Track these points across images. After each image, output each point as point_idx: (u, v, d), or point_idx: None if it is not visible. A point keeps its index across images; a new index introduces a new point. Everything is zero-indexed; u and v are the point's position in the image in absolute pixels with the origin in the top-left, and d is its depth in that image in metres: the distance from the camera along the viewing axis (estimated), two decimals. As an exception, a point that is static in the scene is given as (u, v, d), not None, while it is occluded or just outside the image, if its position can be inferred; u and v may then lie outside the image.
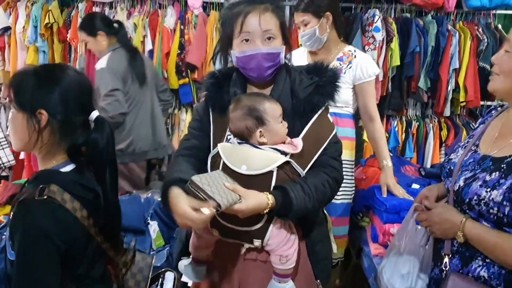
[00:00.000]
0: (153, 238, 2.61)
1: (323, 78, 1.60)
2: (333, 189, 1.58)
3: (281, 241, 1.53)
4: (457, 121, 4.16)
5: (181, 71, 3.97)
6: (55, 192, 1.30)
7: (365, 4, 3.95)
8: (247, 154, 1.49)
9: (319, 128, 1.58)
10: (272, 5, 1.57)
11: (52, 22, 4.03)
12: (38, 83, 1.35)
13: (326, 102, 1.60)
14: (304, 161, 1.53)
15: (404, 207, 2.56)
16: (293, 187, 1.46)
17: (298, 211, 1.46)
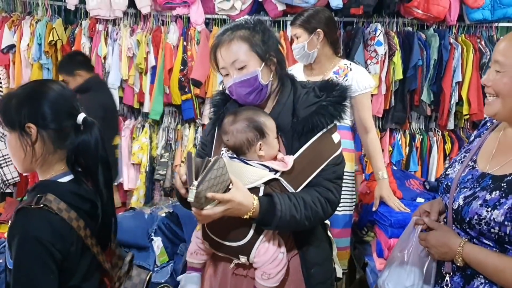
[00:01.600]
0: (157, 254, 2.60)
1: (328, 97, 1.56)
2: (324, 209, 1.52)
3: (267, 260, 1.52)
4: (461, 134, 4.14)
5: (183, 86, 3.99)
6: (51, 201, 1.32)
7: (367, 18, 3.97)
8: (236, 169, 1.49)
9: (317, 149, 1.53)
10: (237, 31, 1.54)
11: (56, 39, 4.07)
12: (21, 100, 1.38)
13: (329, 123, 1.53)
14: (296, 180, 1.51)
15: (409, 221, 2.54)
16: (279, 196, 1.47)
17: (282, 219, 1.44)
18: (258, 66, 1.53)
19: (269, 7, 3.95)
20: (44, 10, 4.28)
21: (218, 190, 1.36)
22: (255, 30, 1.54)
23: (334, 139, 1.56)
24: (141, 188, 4.13)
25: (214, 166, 1.33)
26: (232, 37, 1.52)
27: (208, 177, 1.31)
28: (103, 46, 4.08)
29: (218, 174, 1.34)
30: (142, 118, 4.34)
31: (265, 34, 1.55)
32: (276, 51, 1.58)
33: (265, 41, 1.54)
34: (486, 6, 3.86)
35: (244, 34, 1.53)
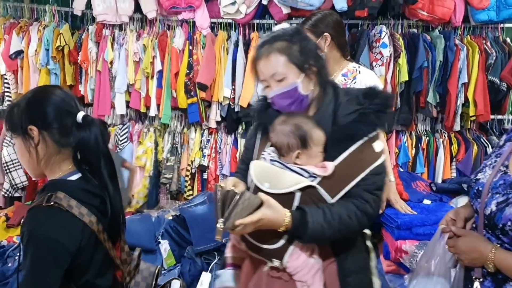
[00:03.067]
0: (164, 257, 2.62)
1: (370, 105, 1.53)
2: (360, 222, 1.51)
3: (299, 264, 1.53)
4: (467, 135, 4.13)
5: (189, 90, 4.01)
6: (62, 199, 1.35)
7: (372, 20, 3.97)
8: (273, 172, 1.52)
9: (357, 158, 1.50)
10: (275, 43, 1.55)
11: (64, 45, 4.09)
12: (22, 105, 1.45)
13: (370, 131, 1.51)
14: (335, 188, 1.50)
15: (416, 223, 2.55)
16: (313, 211, 1.46)
17: (314, 236, 1.46)
18: (298, 77, 1.54)
19: (274, 11, 3.96)
20: (52, 16, 4.31)
21: (246, 214, 1.40)
22: (292, 41, 1.55)
23: (375, 148, 1.53)
24: (141, 191, 4.11)
25: (239, 202, 1.37)
26: (270, 50, 1.54)
27: (234, 213, 1.37)
28: (110, 51, 4.11)
29: (244, 206, 1.38)
30: (149, 122, 4.36)
31: (303, 44, 1.56)
32: (316, 59, 1.58)
33: (303, 51, 1.54)
34: (492, 7, 3.86)
35: (281, 46, 1.54)
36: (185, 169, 4.18)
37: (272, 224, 1.44)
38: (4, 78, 4.30)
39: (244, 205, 1.38)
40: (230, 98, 4.04)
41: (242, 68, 4.00)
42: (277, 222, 1.44)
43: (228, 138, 4.19)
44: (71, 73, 4.24)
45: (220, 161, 4.17)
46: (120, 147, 4.16)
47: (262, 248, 1.54)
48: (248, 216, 1.39)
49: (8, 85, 4.30)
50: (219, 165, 4.17)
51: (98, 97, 4.18)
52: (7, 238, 2.81)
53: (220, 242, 2.52)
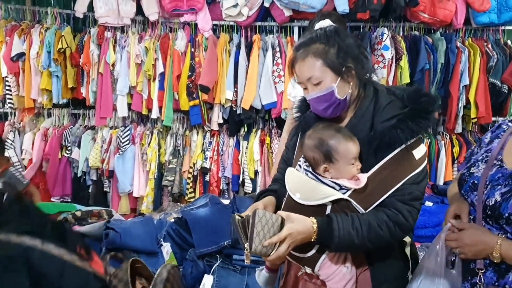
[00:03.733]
0: (166, 259, 2.60)
1: (412, 109, 1.47)
2: (392, 232, 1.45)
3: (331, 273, 1.52)
4: (469, 137, 4.14)
5: (191, 92, 4.01)
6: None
7: (373, 23, 3.98)
8: (305, 183, 1.50)
9: (394, 167, 1.45)
10: (311, 45, 1.52)
11: (65, 47, 4.10)
12: None
13: (409, 138, 1.44)
14: (368, 200, 1.46)
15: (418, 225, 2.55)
16: (340, 218, 1.42)
17: (342, 243, 1.42)
18: (334, 81, 1.50)
19: (276, 13, 3.97)
20: (53, 18, 4.32)
21: (272, 233, 1.39)
22: (329, 43, 1.50)
23: (415, 155, 1.46)
24: (149, 195, 4.15)
25: (256, 221, 1.36)
26: (306, 53, 1.51)
27: (255, 233, 1.36)
28: (112, 53, 4.11)
29: (263, 223, 1.37)
30: (151, 125, 4.36)
31: (341, 45, 1.50)
32: (356, 60, 1.52)
33: (340, 53, 1.50)
34: (493, 9, 3.87)
35: (318, 49, 1.50)
36: (187, 172, 4.18)
37: (305, 236, 1.42)
38: (5, 81, 4.31)
39: (263, 222, 1.37)
40: (232, 100, 4.05)
41: (244, 70, 4.01)
42: (308, 232, 1.42)
43: (230, 140, 4.20)
44: (72, 75, 4.24)
45: (222, 163, 4.18)
46: (122, 149, 4.16)
47: (295, 255, 1.53)
48: (275, 235, 1.39)
49: (9, 88, 4.31)
50: (221, 168, 4.17)
51: (100, 100, 4.19)
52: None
53: (222, 245, 2.53)
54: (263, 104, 4.00)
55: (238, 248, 2.55)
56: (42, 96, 4.28)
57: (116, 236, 2.53)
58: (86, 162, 4.26)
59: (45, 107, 4.39)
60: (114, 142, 4.24)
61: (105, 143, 4.28)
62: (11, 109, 4.43)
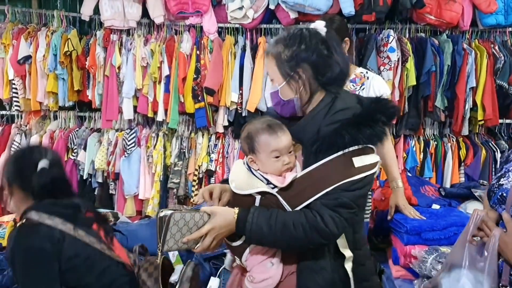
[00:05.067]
0: (173, 262, 2.61)
1: (357, 116, 1.46)
2: (308, 236, 1.43)
3: (255, 264, 1.56)
4: (475, 140, 4.11)
5: (197, 95, 4.01)
6: (32, 214, 1.51)
7: (379, 25, 3.97)
8: (241, 173, 1.57)
9: (328, 170, 1.44)
10: (276, 45, 1.56)
11: (71, 50, 4.11)
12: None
13: (348, 145, 1.42)
14: (295, 200, 1.47)
15: (425, 228, 2.53)
16: (257, 212, 1.46)
17: (252, 236, 1.47)
18: (280, 82, 1.55)
19: (282, 15, 3.97)
20: (60, 21, 4.34)
21: (195, 230, 1.46)
22: (288, 45, 1.53)
23: (355, 162, 1.43)
24: (155, 197, 4.15)
25: (170, 224, 1.42)
26: (269, 51, 1.58)
27: (169, 235, 1.42)
28: (118, 56, 4.12)
29: (181, 225, 1.43)
30: (156, 127, 4.37)
31: (297, 51, 1.52)
32: (314, 67, 1.52)
33: (294, 57, 1.52)
34: (500, 11, 3.85)
35: (277, 50, 1.54)
36: (192, 174, 4.18)
37: (228, 228, 1.47)
38: (12, 83, 4.32)
39: (180, 224, 1.43)
40: (238, 102, 4.05)
41: (249, 73, 4.01)
42: (230, 224, 1.47)
43: (236, 143, 4.20)
44: (78, 78, 4.25)
45: (227, 165, 4.17)
46: (127, 151, 4.17)
47: (230, 245, 1.59)
48: (196, 232, 1.46)
49: (16, 90, 4.32)
50: (226, 170, 4.17)
51: (106, 102, 4.20)
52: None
53: (228, 247, 2.53)
54: (268, 107, 3.98)
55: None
56: (48, 98, 4.29)
57: (123, 238, 2.54)
58: (92, 165, 4.26)
59: (51, 109, 4.39)
60: (120, 145, 4.25)
61: (111, 146, 4.28)
62: (17, 112, 4.44)
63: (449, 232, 2.55)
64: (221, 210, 1.51)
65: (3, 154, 4.21)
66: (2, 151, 4.25)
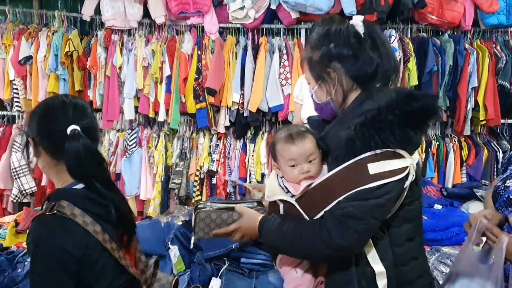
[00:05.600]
0: (174, 262, 2.60)
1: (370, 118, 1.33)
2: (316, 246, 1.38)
3: (285, 273, 1.59)
4: (477, 140, 4.11)
5: (198, 95, 4.01)
6: (65, 207, 1.35)
7: (381, 25, 3.96)
8: (271, 181, 1.58)
9: (343, 177, 1.35)
10: (306, 47, 1.59)
11: (72, 50, 4.11)
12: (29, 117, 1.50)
13: (364, 150, 1.31)
14: (311, 208, 1.42)
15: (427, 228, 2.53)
16: (273, 220, 1.50)
17: (267, 243, 1.57)
18: (314, 85, 1.50)
19: (283, 15, 3.96)
20: (61, 21, 4.33)
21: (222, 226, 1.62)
22: (318, 47, 1.47)
23: (370, 169, 1.31)
24: (157, 197, 4.15)
25: (197, 220, 1.63)
26: (303, 57, 1.56)
27: (197, 228, 1.63)
28: (119, 56, 4.12)
29: (207, 222, 1.62)
30: (158, 128, 4.36)
31: (326, 49, 1.44)
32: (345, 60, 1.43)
33: (323, 57, 1.45)
34: (501, 11, 3.85)
35: (308, 53, 1.51)
36: (194, 174, 4.17)
37: (253, 231, 1.55)
38: (13, 84, 4.31)
39: (207, 220, 1.62)
40: (239, 103, 4.04)
41: (251, 73, 4.00)
42: (254, 227, 1.55)
43: (237, 143, 4.19)
44: (79, 78, 4.25)
45: (229, 166, 4.17)
46: (129, 152, 4.16)
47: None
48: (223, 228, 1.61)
49: (17, 91, 4.32)
50: (227, 170, 4.16)
51: (107, 103, 4.19)
52: (16, 243, 2.80)
53: (230, 248, 2.52)
54: (270, 107, 3.99)
55: (246, 251, 2.54)
56: (49, 99, 4.28)
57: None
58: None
59: (52, 110, 4.38)
60: (121, 145, 4.24)
61: (112, 146, 4.28)
62: (18, 112, 4.43)
63: (451, 233, 2.55)
64: (250, 212, 1.59)
65: (4, 155, 4.22)
66: (3, 152, 4.24)
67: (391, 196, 1.33)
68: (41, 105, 1.51)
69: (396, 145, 1.30)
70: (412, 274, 1.45)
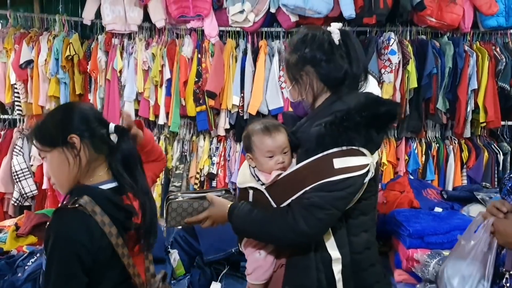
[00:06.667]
0: (174, 267, 2.61)
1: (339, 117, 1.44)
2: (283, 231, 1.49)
3: (248, 254, 1.68)
4: (478, 142, 4.11)
5: (198, 98, 4.02)
6: (87, 203, 1.37)
7: (380, 27, 3.97)
8: (244, 169, 1.69)
9: (309, 171, 1.47)
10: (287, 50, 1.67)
11: (73, 54, 4.12)
12: (56, 118, 1.48)
13: (328, 146, 1.43)
14: (279, 197, 1.53)
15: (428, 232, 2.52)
16: (243, 206, 1.59)
17: (237, 227, 1.62)
18: (289, 85, 1.66)
19: (282, 19, 3.97)
20: (61, 25, 4.34)
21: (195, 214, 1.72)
22: (295, 50, 1.61)
23: (335, 163, 1.42)
24: (157, 200, 4.15)
25: (169, 210, 1.74)
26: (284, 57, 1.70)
27: (169, 217, 1.74)
28: (119, 60, 4.13)
29: (179, 211, 1.72)
30: (158, 131, 4.37)
31: (302, 54, 1.57)
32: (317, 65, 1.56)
33: (300, 60, 1.58)
34: (501, 13, 3.85)
35: (287, 55, 1.65)
36: (194, 177, 4.18)
37: (223, 217, 1.64)
38: (14, 88, 4.32)
39: (179, 210, 1.73)
40: (239, 105, 4.05)
41: (250, 76, 4.01)
42: (225, 214, 1.63)
43: (237, 146, 4.20)
44: (80, 82, 4.26)
45: (229, 169, 4.17)
46: (129, 155, 4.17)
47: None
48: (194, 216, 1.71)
49: (18, 95, 4.33)
50: (228, 173, 4.17)
51: (108, 106, 4.20)
52: (17, 247, 2.80)
53: (230, 252, 2.53)
54: (269, 109, 4.00)
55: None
56: (50, 102, 4.28)
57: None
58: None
59: (53, 113, 4.39)
60: (122, 148, 4.24)
61: (112, 149, 4.28)
62: (19, 116, 4.44)
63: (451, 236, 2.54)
64: (219, 200, 1.69)
65: (5, 158, 4.23)
66: (4, 156, 4.26)
67: (352, 189, 1.46)
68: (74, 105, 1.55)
69: (360, 143, 1.43)
70: (365, 263, 1.59)
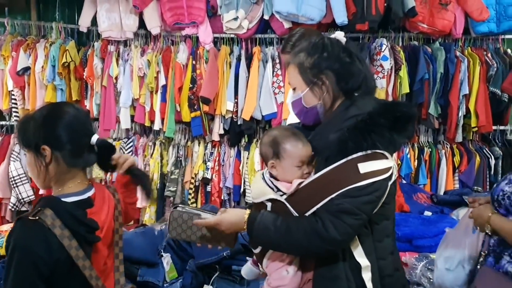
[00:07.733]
0: (166, 270, 2.63)
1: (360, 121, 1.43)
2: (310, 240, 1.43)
3: (272, 272, 1.59)
4: (469, 146, 4.14)
5: (193, 104, 4.06)
6: (47, 216, 1.37)
7: (372, 33, 4.02)
8: (256, 184, 1.61)
9: (335, 177, 1.43)
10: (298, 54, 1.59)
11: (69, 61, 4.16)
12: (37, 123, 1.47)
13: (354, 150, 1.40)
14: (301, 206, 1.48)
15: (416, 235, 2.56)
16: (266, 214, 1.51)
17: (258, 236, 1.52)
18: (303, 89, 1.57)
19: (276, 25, 4.01)
20: (58, 33, 4.39)
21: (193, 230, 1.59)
22: (310, 54, 1.56)
23: (360, 168, 1.40)
24: (152, 205, 4.19)
25: (170, 219, 1.60)
26: (290, 60, 1.63)
27: (171, 227, 1.61)
28: (115, 66, 4.17)
29: (179, 222, 1.59)
30: (153, 136, 4.41)
31: (320, 59, 1.54)
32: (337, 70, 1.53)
33: (316, 65, 1.54)
34: (492, 18, 3.89)
35: (299, 59, 1.58)
36: (189, 182, 4.21)
37: (239, 226, 1.53)
38: (11, 94, 4.36)
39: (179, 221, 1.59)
40: (233, 111, 4.09)
41: (244, 82, 4.06)
42: (239, 221, 1.53)
43: (231, 151, 4.23)
44: (76, 88, 4.30)
45: (223, 173, 4.21)
46: (125, 161, 4.20)
47: (254, 252, 1.65)
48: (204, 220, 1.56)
49: (15, 101, 4.37)
50: (222, 178, 4.20)
51: (104, 112, 4.25)
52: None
53: (221, 256, 2.55)
54: (263, 115, 4.04)
55: (237, 259, 2.58)
56: (47, 109, 4.32)
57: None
58: (90, 173, 4.30)
59: (50, 120, 4.43)
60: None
61: (108, 155, 4.31)
62: (17, 122, 4.48)
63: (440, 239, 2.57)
64: (233, 209, 1.62)
65: (2, 164, 4.26)
66: (2, 161, 4.28)
67: (379, 193, 1.43)
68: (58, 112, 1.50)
69: (383, 146, 1.42)
70: (390, 268, 1.55)
